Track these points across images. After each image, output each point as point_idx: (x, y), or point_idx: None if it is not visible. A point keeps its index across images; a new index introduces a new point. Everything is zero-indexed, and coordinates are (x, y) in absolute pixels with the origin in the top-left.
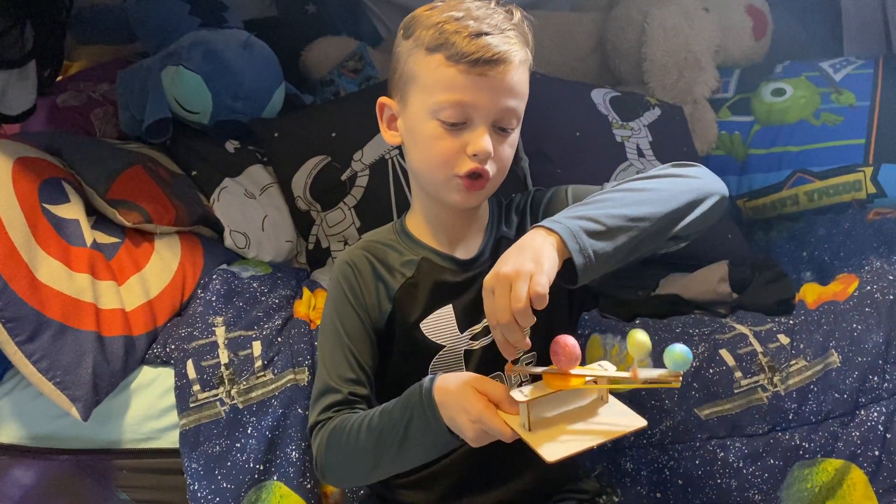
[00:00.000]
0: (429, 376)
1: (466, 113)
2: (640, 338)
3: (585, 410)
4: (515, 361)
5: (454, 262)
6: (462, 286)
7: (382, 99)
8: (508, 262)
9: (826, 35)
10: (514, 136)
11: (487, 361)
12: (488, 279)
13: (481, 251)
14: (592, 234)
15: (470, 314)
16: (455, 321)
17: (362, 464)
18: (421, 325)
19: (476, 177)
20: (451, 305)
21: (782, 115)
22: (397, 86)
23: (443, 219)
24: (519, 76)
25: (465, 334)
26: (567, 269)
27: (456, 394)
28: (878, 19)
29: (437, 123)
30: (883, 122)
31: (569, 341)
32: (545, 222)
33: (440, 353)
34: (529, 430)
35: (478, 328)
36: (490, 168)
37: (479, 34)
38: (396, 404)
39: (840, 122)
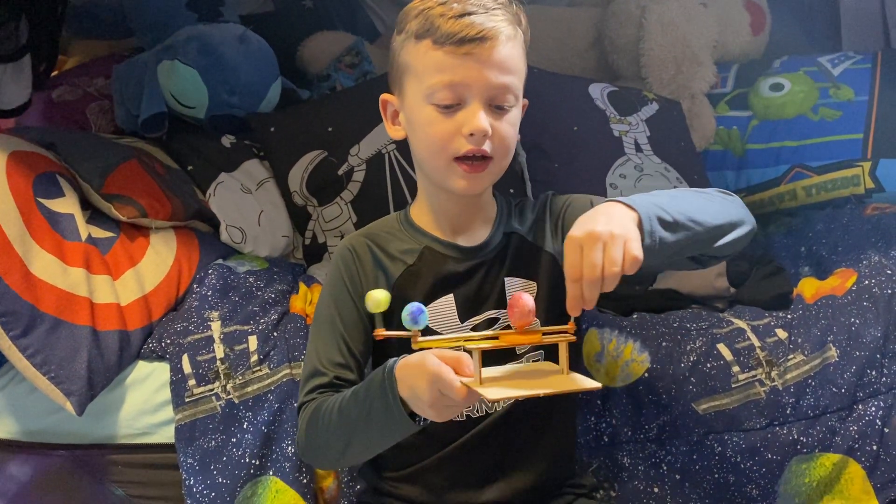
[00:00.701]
0: (394, 358)
1: (458, 93)
2: (376, 296)
3: (544, 378)
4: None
5: (457, 251)
6: (464, 276)
7: (384, 96)
8: (599, 223)
9: (824, 30)
10: (514, 115)
11: (487, 353)
12: (577, 235)
13: (487, 241)
14: (662, 222)
15: (471, 304)
16: (456, 311)
17: (335, 443)
18: None
19: (478, 159)
20: (452, 295)
21: (780, 110)
22: (395, 80)
23: (447, 208)
24: (508, 51)
25: (465, 324)
26: None
27: (416, 363)
28: (876, 14)
29: (432, 108)
30: (881, 117)
31: (524, 296)
32: (623, 199)
33: None
34: (481, 383)
35: (478, 319)
36: (489, 148)
37: (463, 14)
38: (363, 384)
39: (838, 116)
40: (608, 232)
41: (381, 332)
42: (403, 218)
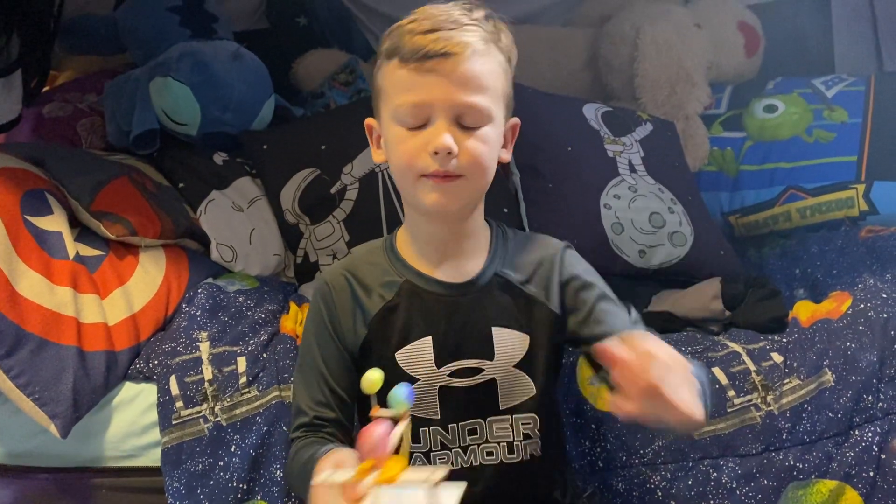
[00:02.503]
0: (324, 473)
1: (424, 112)
2: (371, 376)
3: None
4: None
5: (439, 286)
6: (445, 317)
7: (368, 120)
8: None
9: (817, 52)
10: (487, 132)
11: (466, 402)
12: (668, 357)
13: (473, 280)
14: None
15: (451, 349)
16: (432, 354)
17: (304, 496)
18: (396, 355)
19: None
20: (430, 337)
21: (774, 131)
22: (375, 104)
23: (430, 233)
24: (477, 67)
25: (441, 370)
26: None
27: (321, 498)
28: (868, 37)
29: (400, 128)
30: (875, 140)
31: (378, 429)
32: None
33: (413, 386)
34: None
35: (457, 366)
36: (455, 167)
37: (430, 30)
38: (307, 467)
39: (832, 138)
40: (689, 384)
41: (375, 412)
42: (388, 245)
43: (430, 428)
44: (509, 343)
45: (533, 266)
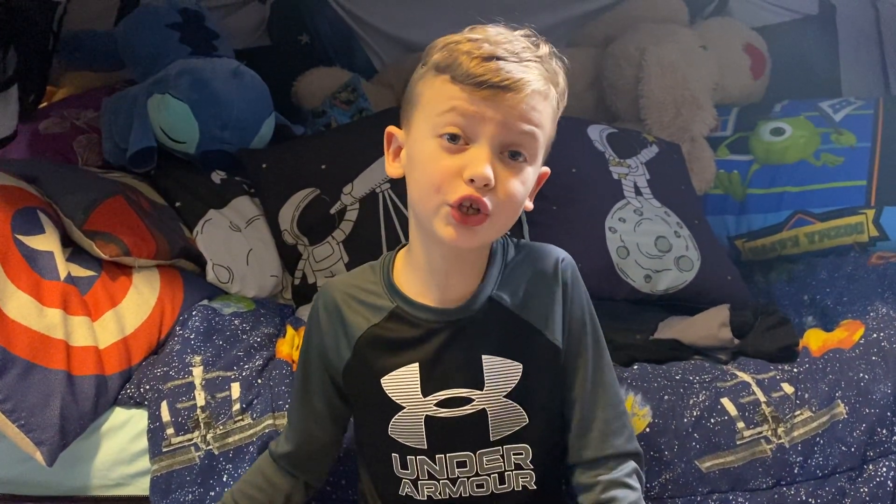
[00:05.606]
0: None
1: (469, 126)
2: None
3: None
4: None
5: (428, 312)
6: (432, 343)
7: (391, 128)
8: None
9: (824, 75)
10: (528, 173)
11: (455, 434)
12: None
13: (465, 305)
14: None
15: (439, 377)
16: (419, 382)
17: None
18: (382, 381)
19: (473, 211)
20: (417, 364)
21: (781, 154)
22: (405, 112)
23: (436, 262)
24: (534, 104)
25: (428, 398)
26: None
27: None
28: (875, 60)
29: (437, 143)
30: (884, 164)
31: None
32: None
33: (399, 414)
34: None
35: (445, 395)
36: (490, 202)
37: (491, 57)
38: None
39: (841, 162)
40: None
41: None
42: (385, 265)
43: (417, 457)
44: (500, 372)
45: (528, 287)
